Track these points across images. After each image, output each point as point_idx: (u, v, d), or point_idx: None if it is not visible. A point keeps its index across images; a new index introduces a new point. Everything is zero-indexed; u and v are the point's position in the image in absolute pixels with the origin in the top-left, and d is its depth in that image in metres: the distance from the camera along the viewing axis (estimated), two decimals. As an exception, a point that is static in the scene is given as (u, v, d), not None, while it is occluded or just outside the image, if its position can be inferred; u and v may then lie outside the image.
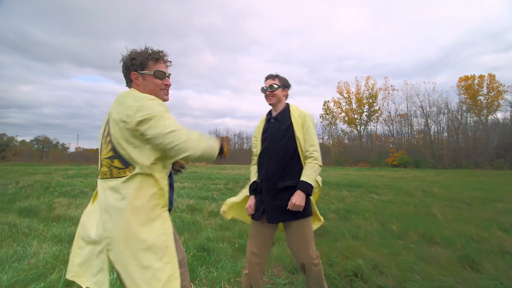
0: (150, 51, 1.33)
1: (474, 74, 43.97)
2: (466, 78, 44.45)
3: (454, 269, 2.65)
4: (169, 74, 1.39)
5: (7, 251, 2.87)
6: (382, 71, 75.11)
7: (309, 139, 1.84)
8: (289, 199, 1.71)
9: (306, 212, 1.76)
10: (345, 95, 51.43)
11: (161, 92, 1.35)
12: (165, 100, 1.37)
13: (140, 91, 1.27)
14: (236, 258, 3.01)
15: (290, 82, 2.03)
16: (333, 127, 53.84)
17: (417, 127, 46.65)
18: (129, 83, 1.32)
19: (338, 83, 52.80)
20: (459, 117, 42.80)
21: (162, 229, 1.15)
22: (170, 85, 1.39)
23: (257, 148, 1.98)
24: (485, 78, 43.26)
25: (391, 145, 46.90)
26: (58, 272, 2.42)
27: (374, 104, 48.80)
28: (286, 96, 1.98)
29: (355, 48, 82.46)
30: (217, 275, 2.53)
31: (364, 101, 49.69)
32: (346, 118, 51.51)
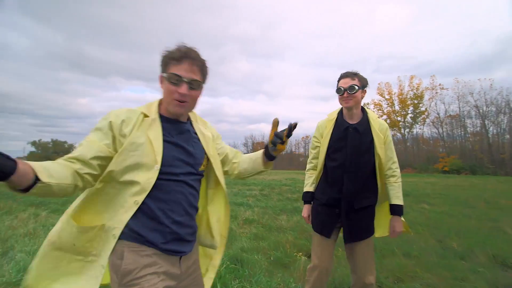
0: (174, 49, 1.05)
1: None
2: (533, 73, 39.12)
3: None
4: (191, 79, 1.03)
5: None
6: (428, 70, 68.95)
7: (391, 156, 1.76)
8: (365, 219, 1.72)
9: (372, 230, 1.75)
10: (387, 97, 48.49)
11: (172, 102, 1.06)
12: (176, 112, 1.08)
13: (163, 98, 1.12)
14: (272, 272, 2.79)
15: (326, 85, 1.87)
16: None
17: (471, 129, 42.00)
18: None
19: (379, 84, 49.78)
20: (525, 117, 37.62)
21: None
22: (186, 94, 1.03)
23: (316, 151, 1.84)
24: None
25: (441, 150, 42.87)
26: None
27: (420, 105, 45.16)
28: (363, 98, 1.78)
29: (396, 47, 77.37)
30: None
31: (408, 102, 46.31)
32: (388, 121, 48.48)
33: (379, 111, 49.08)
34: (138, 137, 1.01)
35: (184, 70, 1.02)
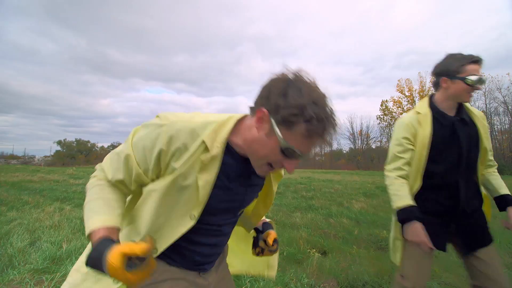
0: (320, 120, 0.73)
1: None
2: None
3: None
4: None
5: (75, 244, 3.16)
6: (451, 65, 66.15)
7: (490, 146, 1.51)
8: (481, 220, 1.50)
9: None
10: (407, 93, 46.85)
11: (264, 168, 0.85)
12: (262, 175, 0.88)
13: None
14: (284, 267, 2.79)
15: (343, 83, 1.60)
16: (392, 128, 49.48)
17: (499, 127, 39.78)
18: None
19: (399, 80, 48.14)
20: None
21: None
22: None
23: (409, 155, 1.47)
24: None
25: (465, 148, 40.96)
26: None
27: (442, 101, 43.39)
28: None
29: (417, 43, 74.77)
30: (263, 285, 2.36)
31: (430, 99, 44.60)
32: (408, 118, 46.89)
33: (399, 108, 47.51)
34: (184, 178, 0.78)
35: (309, 148, 0.77)
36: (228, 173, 0.82)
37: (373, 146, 49.87)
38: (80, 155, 56.61)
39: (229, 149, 0.82)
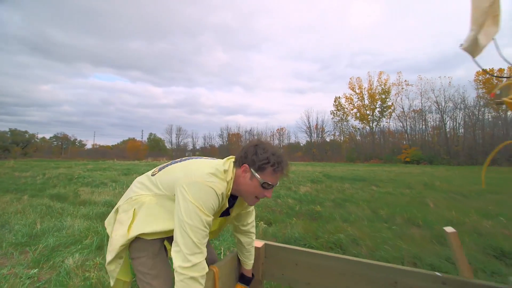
0: (277, 159, 1.15)
1: (493, 68, 42.56)
2: (484, 73, 43.07)
3: (424, 244, 3.04)
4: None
5: (48, 224, 3.48)
6: (397, 66, 73.36)
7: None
8: None
9: None
10: (357, 91, 50.94)
11: (253, 200, 1.20)
12: (250, 204, 1.27)
13: None
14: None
15: (303, 79, 1.46)
16: (345, 123, 53.44)
17: (432, 123, 45.73)
18: None
19: (350, 78, 52.12)
20: (476, 112, 41.61)
21: None
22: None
23: None
24: (505, 72, 41.73)
25: (404, 142, 46.21)
26: (90, 239, 2.99)
27: (387, 99, 48.12)
28: None
29: (369, 44, 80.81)
30: (218, 244, 3.02)
31: (377, 96, 49.08)
32: (358, 114, 51.03)
33: (350, 104, 51.62)
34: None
35: (276, 180, 1.14)
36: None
37: (327, 139, 53.58)
38: (16, 147, 50.28)
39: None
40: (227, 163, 1.16)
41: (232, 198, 1.23)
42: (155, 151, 59.49)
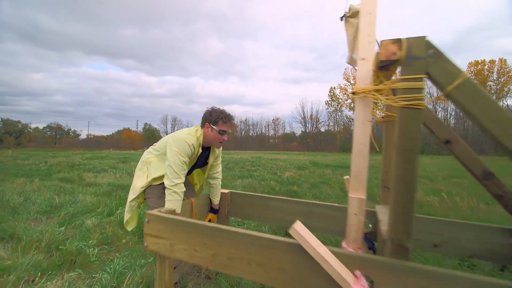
0: (222, 113, 1.83)
1: (484, 59, 43.19)
2: (476, 63, 43.66)
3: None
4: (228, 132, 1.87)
5: (64, 199, 4.15)
6: (391, 57, 73.77)
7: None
8: None
9: None
10: (352, 82, 51.44)
11: (218, 144, 1.87)
12: (216, 147, 1.95)
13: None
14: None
15: (299, 68, 2.50)
16: (339, 113, 54.17)
17: (424, 114, 46.64)
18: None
19: (345, 69, 52.68)
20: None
21: None
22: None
23: None
24: (496, 63, 42.42)
25: (396, 132, 47.21)
26: (101, 209, 3.67)
27: (381, 90, 48.83)
28: None
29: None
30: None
31: (371, 87, 49.71)
32: (352, 105, 51.74)
33: (345, 95, 52.32)
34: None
35: (228, 128, 1.83)
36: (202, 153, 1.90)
37: (322, 130, 54.44)
38: (9, 138, 50.06)
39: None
40: (196, 127, 1.86)
41: (206, 150, 1.95)
42: (150, 141, 59.80)
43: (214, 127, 1.78)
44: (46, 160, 12.39)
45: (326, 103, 53.95)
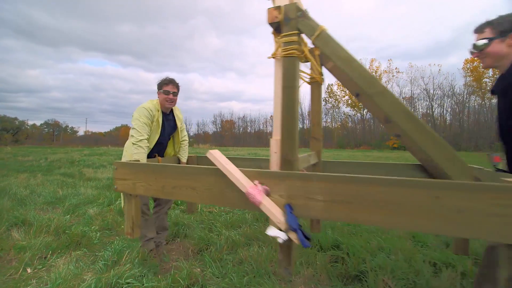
0: (165, 78, 2.36)
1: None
2: (472, 60, 43.95)
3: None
4: (174, 92, 2.35)
5: (67, 191, 4.48)
6: (391, 53, 73.83)
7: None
8: None
9: None
10: (349, 79, 51.63)
11: (166, 103, 2.33)
12: (167, 107, 2.39)
13: None
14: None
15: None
16: (336, 110, 54.50)
17: (421, 111, 47.02)
18: None
19: (342, 66, 52.79)
20: (463, 100, 42.91)
21: None
22: (172, 98, 2.35)
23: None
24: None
25: (393, 128, 47.48)
26: (102, 200, 4.01)
27: (378, 87, 48.96)
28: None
29: (364, 29, 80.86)
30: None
31: (368, 84, 49.84)
32: (349, 101, 52.04)
33: (342, 91, 52.56)
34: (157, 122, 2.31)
35: (171, 88, 2.34)
36: (164, 117, 2.41)
37: (319, 126, 54.62)
38: (6, 135, 49.84)
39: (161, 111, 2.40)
40: (154, 98, 2.41)
41: (169, 115, 2.47)
42: (149, 138, 59.78)
43: (160, 90, 2.33)
44: (46, 156, 12.69)
45: (323, 100, 54.23)
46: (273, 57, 1.54)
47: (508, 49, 1.30)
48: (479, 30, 1.39)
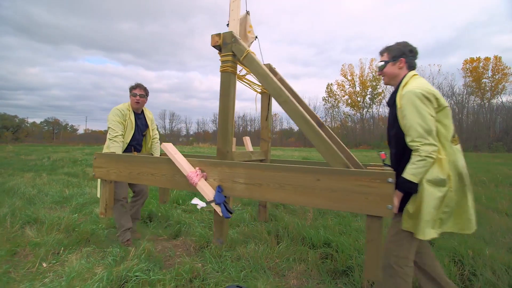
0: (134, 84, 2.91)
1: (479, 57, 43.56)
2: (472, 60, 44.05)
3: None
4: (140, 94, 2.82)
5: (73, 191, 4.67)
6: (391, 52, 73.44)
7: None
8: None
9: None
10: (349, 78, 51.75)
11: (134, 105, 2.88)
12: (137, 108, 2.92)
13: None
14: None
15: (297, 64, 3.29)
16: (336, 110, 54.62)
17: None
18: None
19: (343, 65, 53.11)
20: (462, 100, 43.03)
21: None
22: (139, 100, 2.82)
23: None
24: (491, 60, 42.84)
25: (392, 128, 47.57)
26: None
27: (378, 87, 49.12)
28: (402, 68, 1.62)
29: (364, 28, 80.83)
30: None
31: (368, 84, 49.98)
32: (349, 101, 52.13)
33: (342, 91, 52.71)
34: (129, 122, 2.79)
35: (137, 91, 2.81)
36: (136, 117, 2.89)
37: (319, 126, 54.68)
38: (6, 132, 49.77)
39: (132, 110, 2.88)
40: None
41: (141, 115, 2.92)
42: (149, 137, 59.88)
43: (130, 93, 2.82)
44: (49, 155, 12.86)
45: (323, 99, 54.38)
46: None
47: (399, 71, 1.62)
48: (380, 53, 1.71)
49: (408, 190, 1.43)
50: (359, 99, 51.23)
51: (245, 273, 2.11)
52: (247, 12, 2.58)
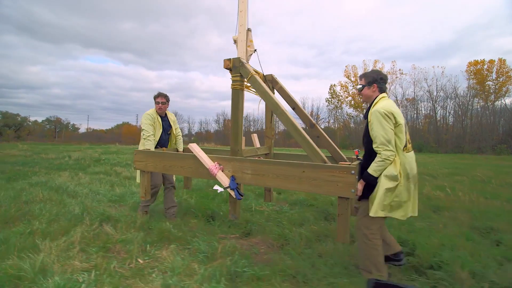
0: (157, 93, 3.40)
1: (483, 59, 43.63)
2: (476, 63, 44.04)
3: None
4: (162, 101, 3.47)
5: (121, 190, 4.79)
6: (392, 54, 73.15)
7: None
8: None
9: None
10: (352, 79, 51.78)
11: (158, 111, 3.43)
12: (160, 113, 3.52)
13: None
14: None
15: (298, 65, 3.73)
16: (339, 111, 54.67)
17: (424, 112, 47.18)
18: None
19: (346, 66, 52.81)
20: (466, 102, 43.03)
21: None
22: (162, 107, 3.46)
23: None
24: (495, 63, 42.92)
25: (396, 130, 47.57)
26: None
27: (381, 88, 49.03)
28: (375, 92, 2.18)
29: (365, 30, 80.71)
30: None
31: (371, 85, 49.88)
32: (352, 102, 52.20)
33: (345, 92, 52.75)
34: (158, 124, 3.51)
35: (158, 99, 3.47)
36: (162, 121, 3.57)
37: (322, 126, 54.83)
38: (8, 131, 49.62)
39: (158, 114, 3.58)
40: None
41: (164, 117, 3.57)
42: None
43: (155, 102, 3.46)
44: (67, 154, 12.96)
45: (326, 101, 54.38)
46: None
47: (372, 93, 2.17)
48: (360, 78, 2.28)
49: (370, 181, 1.99)
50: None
51: (338, 269, 2.22)
52: (249, 29, 3.04)
